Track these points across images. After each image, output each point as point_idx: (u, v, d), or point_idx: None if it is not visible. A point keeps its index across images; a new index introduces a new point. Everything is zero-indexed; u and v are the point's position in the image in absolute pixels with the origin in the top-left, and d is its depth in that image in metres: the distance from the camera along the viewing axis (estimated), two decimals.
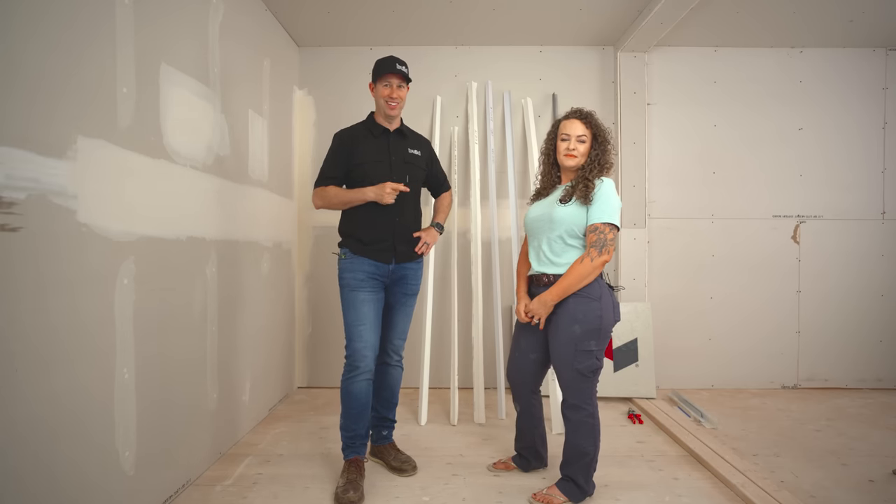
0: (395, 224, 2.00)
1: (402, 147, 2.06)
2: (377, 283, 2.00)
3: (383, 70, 1.97)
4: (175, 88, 1.84)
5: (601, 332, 1.76)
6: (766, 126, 3.36)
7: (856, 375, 3.34)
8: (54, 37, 1.29)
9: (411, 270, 2.08)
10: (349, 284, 1.97)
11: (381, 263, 1.99)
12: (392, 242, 1.99)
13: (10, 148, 1.17)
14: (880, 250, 3.34)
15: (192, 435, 1.97)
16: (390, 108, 1.99)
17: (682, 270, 3.37)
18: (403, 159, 2.04)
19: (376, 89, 2.01)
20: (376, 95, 2.02)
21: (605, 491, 1.93)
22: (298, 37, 3.24)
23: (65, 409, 1.32)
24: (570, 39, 3.30)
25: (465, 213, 3.29)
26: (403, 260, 2.04)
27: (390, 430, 2.21)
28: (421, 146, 2.14)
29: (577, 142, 1.83)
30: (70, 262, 1.34)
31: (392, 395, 2.18)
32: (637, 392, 3.04)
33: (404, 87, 2.01)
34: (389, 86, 1.98)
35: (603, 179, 1.80)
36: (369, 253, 1.97)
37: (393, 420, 2.21)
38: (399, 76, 1.97)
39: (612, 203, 1.76)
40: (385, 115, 2.02)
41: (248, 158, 2.53)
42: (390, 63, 1.98)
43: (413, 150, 2.09)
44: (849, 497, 1.89)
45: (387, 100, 1.98)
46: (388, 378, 2.16)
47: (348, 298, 1.97)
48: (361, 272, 1.96)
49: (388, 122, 2.04)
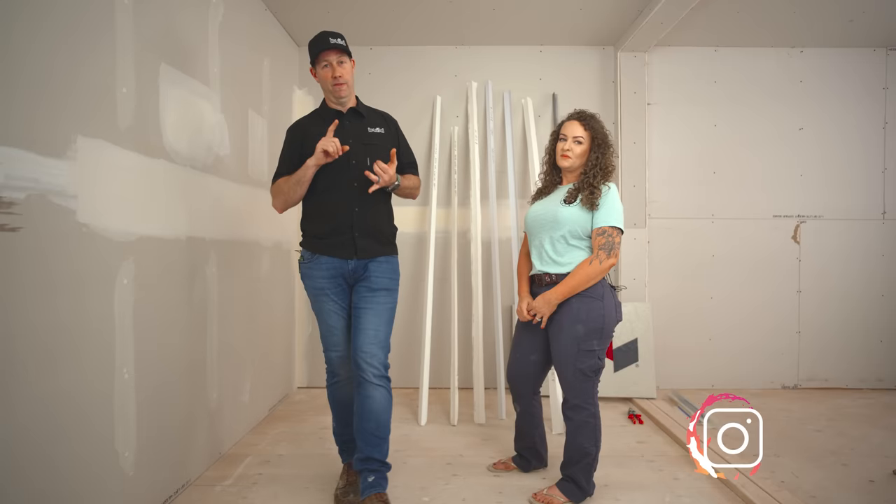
0: (354, 214, 1.75)
1: (359, 128, 1.82)
2: (340, 285, 1.79)
3: (317, 48, 1.74)
4: (175, 88, 1.84)
5: (604, 332, 1.77)
6: (766, 126, 3.36)
7: (856, 375, 3.33)
8: (54, 37, 1.29)
9: (377, 264, 1.80)
10: (311, 292, 1.81)
11: (341, 260, 1.76)
12: (351, 235, 1.75)
13: (9, 148, 1.17)
14: (881, 250, 3.34)
15: (191, 435, 1.97)
16: (337, 89, 1.76)
17: (682, 270, 3.37)
18: (362, 141, 1.79)
19: (317, 73, 1.79)
20: (320, 80, 1.79)
21: (606, 491, 1.93)
22: (298, 36, 3.24)
23: (65, 408, 1.32)
24: (570, 39, 3.30)
25: (465, 213, 3.29)
26: (367, 255, 1.77)
27: (379, 475, 1.73)
28: (385, 123, 1.89)
29: (573, 142, 1.84)
30: (70, 262, 1.34)
31: (377, 426, 1.72)
32: (637, 392, 3.04)
33: (347, 63, 1.77)
34: (329, 65, 1.74)
35: (609, 185, 1.81)
36: (326, 249, 1.76)
37: (381, 461, 1.75)
38: (336, 50, 1.73)
39: (617, 208, 1.78)
40: (335, 98, 1.79)
41: (248, 158, 2.53)
42: (323, 39, 1.73)
43: (374, 129, 1.84)
44: (849, 497, 1.88)
45: (331, 80, 1.75)
46: (369, 403, 1.71)
47: (315, 307, 1.82)
48: (320, 278, 1.77)
49: (339, 104, 1.82)
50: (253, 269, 2.58)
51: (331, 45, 1.72)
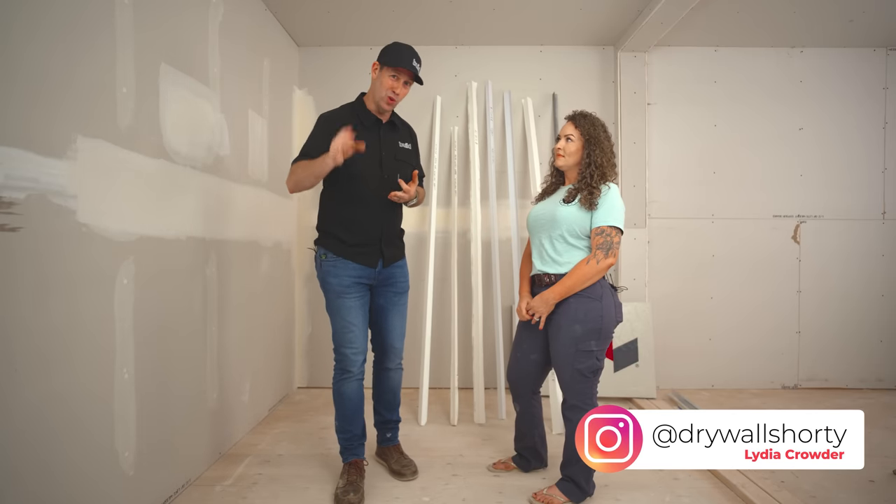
0: (383, 226, 1.89)
1: (393, 141, 1.93)
2: (363, 287, 1.90)
3: (397, 61, 1.80)
4: (175, 88, 1.84)
5: (602, 333, 1.77)
6: (766, 126, 3.36)
7: (856, 375, 3.33)
8: (54, 36, 1.29)
9: (398, 269, 2.00)
10: (334, 290, 1.86)
11: (367, 267, 1.88)
12: (378, 246, 1.89)
13: (9, 148, 1.17)
14: (881, 250, 3.34)
15: (191, 435, 1.97)
16: (389, 101, 1.84)
17: (682, 270, 3.37)
18: (395, 156, 1.91)
19: (381, 75, 1.82)
20: (378, 82, 1.83)
21: (606, 491, 1.93)
22: (298, 36, 3.23)
23: (65, 409, 1.32)
24: (570, 39, 3.30)
25: (465, 213, 3.29)
26: (390, 262, 1.95)
27: (394, 431, 2.18)
28: (411, 139, 2.03)
29: (564, 141, 1.87)
30: (70, 262, 1.34)
31: (394, 396, 2.15)
32: (637, 392, 3.04)
33: (409, 85, 1.87)
34: (397, 79, 1.82)
35: (610, 185, 1.81)
36: (353, 256, 1.85)
37: (397, 420, 2.18)
38: (410, 73, 1.83)
39: (617, 207, 1.77)
40: (380, 107, 1.87)
41: (248, 158, 2.52)
42: (408, 56, 1.81)
43: (404, 144, 1.97)
44: (849, 497, 1.89)
45: (389, 92, 1.82)
46: (389, 382, 2.12)
47: (334, 304, 1.87)
48: (346, 277, 1.85)
49: (380, 113, 1.90)
50: (253, 269, 2.58)
51: (410, 67, 1.81)
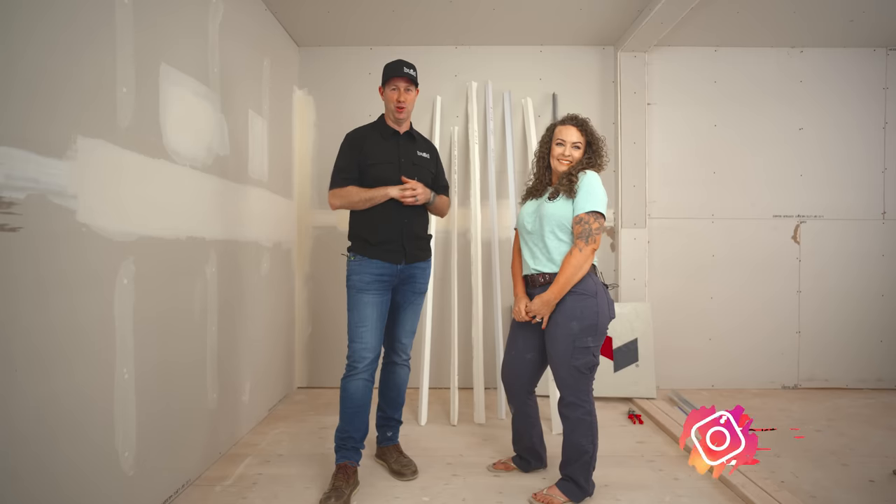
0: (404, 225, 2.02)
1: (411, 150, 2.08)
2: (384, 285, 1.99)
3: (391, 74, 2.00)
4: (175, 88, 1.84)
5: (598, 329, 1.78)
6: (766, 126, 3.36)
7: (856, 375, 3.33)
8: (54, 37, 1.29)
9: (420, 270, 2.10)
10: (355, 286, 1.98)
11: (390, 264, 1.99)
12: (401, 243, 2.01)
13: (9, 148, 1.17)
14: (881, 250, 3.34)
15: (191, 435, 1.97)
16: (398, 111, 2.01)
17: (682, 270, 3.36)
18: (412, 161, 2.06)
19: (385, 93, 2.04)
20: (385, 99, 2.05)
21: (606, 491, 1.93)
22: (298, 36, 3.23)
23: (64, 409, 1.32)
24: (570, 39, 3.30)
25: (465, 213, 3.29)
26: (413, 260, 2.05)
27: (395, 430, 2.22)
28: (429, 150, 2.17)
29: (572, 148, 1.88)
30: (70, 262, 1.34)
31: (398, 394, 2.19)
32: (637, 392, 3.04)
33: (412, 91, 2.03)
34: (397, 90, 2.00)
35: (587, 172, 1.83)
36: (378, 254, 1.98)
37: (398, 420, 2.22)
38: (406, 79, 2.00)
39: (594, 192, 1.79)
40: (394, 118, 2.04)
41: (248, 158, 2.53)
42: (398, 67, 2.00)
43: (422, 153, 2.11)
44: (849, 497, 1.89)
45: (395, 103, 2.00)
46: (395, 377, 2.17)
47: (353, 299, 1.98)
48: (368, 274, 1.97)
49: (397, 124, 2.07)
50: (253, 269, 2.58)
51: (403, 74, 1.99)
